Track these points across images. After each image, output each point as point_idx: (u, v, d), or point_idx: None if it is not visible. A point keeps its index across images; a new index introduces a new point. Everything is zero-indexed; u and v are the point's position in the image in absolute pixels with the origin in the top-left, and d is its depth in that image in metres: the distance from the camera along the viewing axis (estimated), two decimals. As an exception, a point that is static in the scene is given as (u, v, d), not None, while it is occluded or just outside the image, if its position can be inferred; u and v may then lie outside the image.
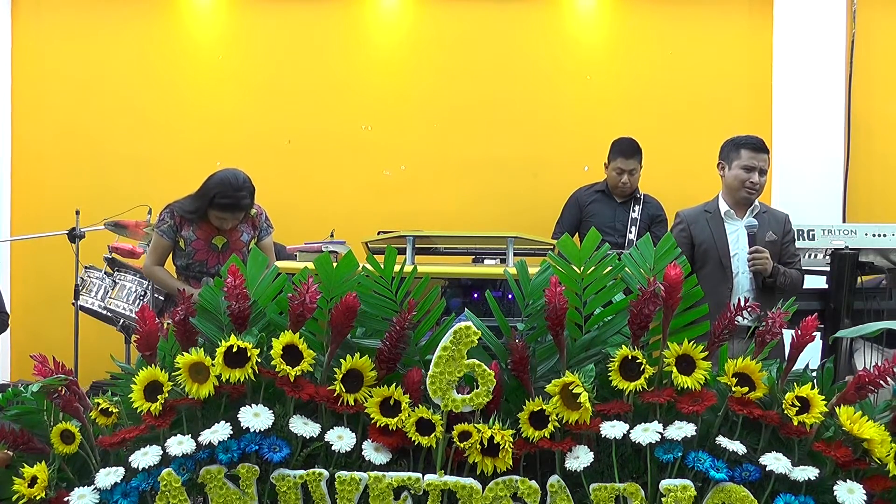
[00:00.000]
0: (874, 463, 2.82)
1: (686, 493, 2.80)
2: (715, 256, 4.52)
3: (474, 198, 6.67)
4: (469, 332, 2.89)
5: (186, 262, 4.74)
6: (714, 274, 4.48)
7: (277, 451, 2.88)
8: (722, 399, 2.91)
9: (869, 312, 4.62)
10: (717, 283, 4.44)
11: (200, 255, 4.68)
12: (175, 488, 2.86)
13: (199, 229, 4.72)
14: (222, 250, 4.68)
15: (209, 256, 4.69)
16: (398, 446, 2.92)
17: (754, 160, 4.53)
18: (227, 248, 4.67)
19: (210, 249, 4.69)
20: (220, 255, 4.67)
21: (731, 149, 4.59)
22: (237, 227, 4.72)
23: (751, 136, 4.63)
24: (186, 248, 4.72)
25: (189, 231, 4.72)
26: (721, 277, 4.49)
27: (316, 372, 3.00)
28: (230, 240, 4.69)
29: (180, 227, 4.74)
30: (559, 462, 2.90)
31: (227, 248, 4.67)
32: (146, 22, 6.77)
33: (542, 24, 6.75)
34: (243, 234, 4.70)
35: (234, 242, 4.68)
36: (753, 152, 4.55)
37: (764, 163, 4.56)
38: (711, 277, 4.44)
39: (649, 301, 2.90)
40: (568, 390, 2.87)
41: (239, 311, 2.97)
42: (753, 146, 4.57)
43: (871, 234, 4.81)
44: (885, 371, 2.84)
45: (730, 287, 4.48)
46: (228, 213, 4.63)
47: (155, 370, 2.94)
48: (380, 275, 3.04)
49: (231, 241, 4.68)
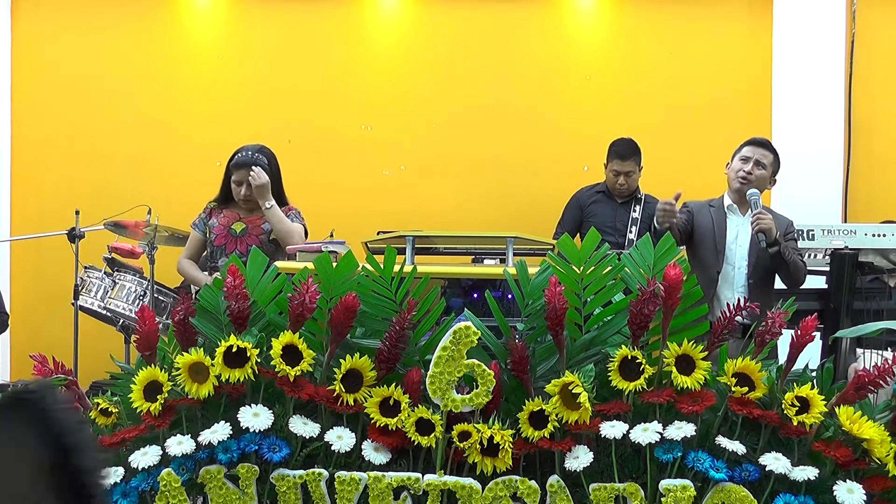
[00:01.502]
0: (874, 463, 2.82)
1: (686, 493, 2.80)
2: (710, 239, 4.57)
3: (474, 198, 6.66)
4: (469, 332, 2.89)
5: (210, 249, 4.77)
6: (706, 257, 4.54)
7: (277, 451, 2.88)
8: (722, 399, 2.91)
9: (869, 312, 4.62)
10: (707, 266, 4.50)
11: (219, 241, 4.71)
12: (175, 488, 2.86)
13: (223, 217, 4.77)
14: (240, 235, 4.70)
15: (227, 241, 4.71)
16: (398, 446, 2.92)
17: (752, 152, 4.61)
18: (246, 234, 4.69)
19: (229, 234, 4.71)
20: (239, 241, 4.69)
21: (738, 148, 4.67)
22: (261, 216, 4.72)
23: (756, 137, 4.73)
24: (210, 236, 4.76)
25: (215, 219, 4.78)
26: (713, 261, 4.54)
27: (316, 372, 3.00)
28: (249, 226, 4.70)
29: (209, 217, 4.82)
30: (559, 462, 2.90)
31: (246, 234, 4.69)
32: (146, 22, 6.77)
33: (542, 24, 6.75)
34: (265, 224, 4.71)
35: (254, 229, 4.69)
36: (753, 146, 4.64)
37: (762, 157, 4.59)
38: (703, 260, 4.53)
39: (649, 301, 2.90)
40: (568, 390, 2.87)
41: (239, 311, 2.97)
42: (754, 142, 4.66)
43: (871, 234, 4.82)
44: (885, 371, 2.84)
45: (718, 270, 4.52)
46: (242, 169, 4.68)
47: (155, 370, 2.94)
48: (379, 275, 3.04)
49: (250, 227, 4.70)
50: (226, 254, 4.65)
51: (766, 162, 4.58)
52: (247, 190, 4.68)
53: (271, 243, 4.67)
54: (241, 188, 4.71)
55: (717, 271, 4.52)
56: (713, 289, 4.45)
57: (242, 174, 4.70)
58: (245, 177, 4.69)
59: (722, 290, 4.50)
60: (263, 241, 4.65)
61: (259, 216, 4.73)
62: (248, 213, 4.77)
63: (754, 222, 4.37)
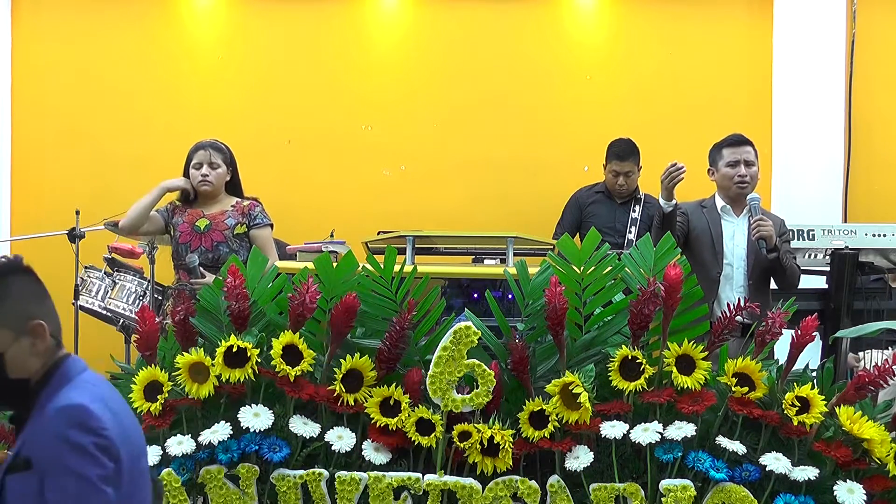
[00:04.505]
0: (874, 463, 2.82)
1: (686, 493, 2.80)
2: (707, 241, 4.54)
3: (474, 198, 6.66)
4: (469, 332, 2.89)
5: (175, 247, 4.78)
6: (705, 259, 4.50)
7: (277, 451, 2.88)
8: (722, 399, 2.91)
9: (869, 312, 4.62)
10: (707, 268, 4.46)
11: (184, 238, 4.73)
12: (175, 488, 2.86)
13: (187, 214, 4.79)
14: (205, 231, 4.71)
15: (192, 238, 4.73)
16: (398, 446, 2.93)
17: (736, 154, 4.57)
18: (210, 229, 4.70)
19: (193, 231, 4.73)
20: (203, 237, 4.71)
21: (715, 152, 4.66)
22: (223, 212, 4.73)
23: (730, 135, 4.67)
24: (174, 234, 4.77)
25: (179, 217, 4.79)
26: (712, 263, 4.51)
27: (316, 372, 3.00)
28: (213, 222, 4.71)
29: (172, 214, 4.84)
30: (559, 462, 2.90)
31: (210, 229, 4.70)
32: (146, 22, 6.76)
33: (542, 24, 6.75)
34: (228, 219, 4.72)
35: (218, 224, 4.70)
36: (734, 147, 4.59)
37: (748, 154, 4.57)
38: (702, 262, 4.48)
39: (649, 301, 2.91)
40: (568, 390, 2.87)
41: (239, 311, 2.97)
42: (732, 142, 4.62)
43: (871, 234, 4.81)
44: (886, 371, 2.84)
45: (718, 272, 4.50)
46: (201, 151, 4.74)
47: (155, 370, 2.94)
48: (380, 275, 3.04)
49: (214, 223, 4.70)
50: (191, 250, 4.68)
51: (752, 158, 4.57)
52: (206, 169, 4.73)
53: (236, 238, 4.69)
54: (199, 171, 4.74)
55: (718, 272, 4.50)
56: (714, 290, 4.44)
57: (202, 155, 4.76)
58: (205, 158, 4.74)
59: (723, 291, 4.49)
60: (228, 237, 4.68)
61: (221, 211, 4.74)
62: (209, 207, 4.78)
63: (754, 229, 4.36)
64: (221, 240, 4.66)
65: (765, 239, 4.32)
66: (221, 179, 4.77)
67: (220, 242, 4.68)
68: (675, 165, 4.41)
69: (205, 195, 4.78)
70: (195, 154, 4.79)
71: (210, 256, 4.63)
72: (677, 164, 4.42)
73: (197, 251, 4.67)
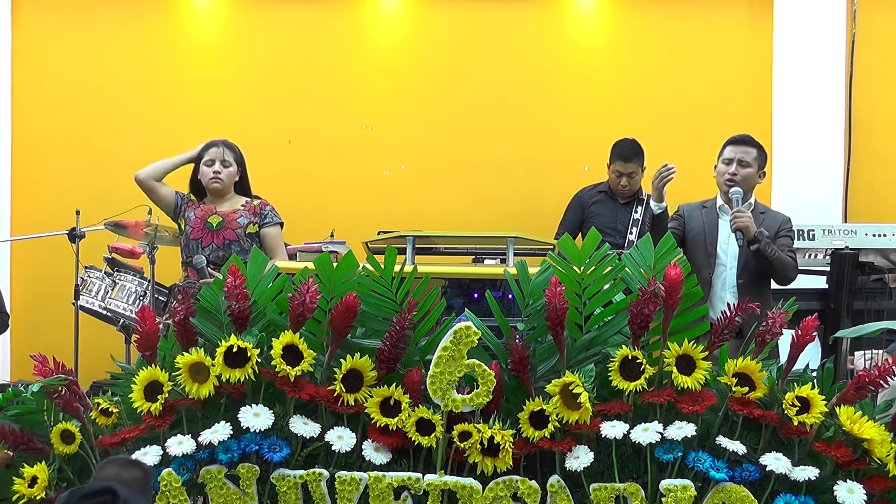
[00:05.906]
0: (874, 463, 2.82)
1: (686, 493, 2.81)
2: (701, 242, 4.55)
3: (474, 198, 6.66)
4: (469, 332, 2.90)
5: (185, 241, 4.78)
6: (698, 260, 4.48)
7: (277, 451, 2.88)
8: (722, 399, 2.91)
9: (869, 312, 4.62)
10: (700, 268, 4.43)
11: (196, 234, 4.73)
12: (175, 488, 2.86)
13: (199, 210, 4.78)
14: (217, 228, 4.71)
15: (204, 235, 4.73)
16: (398, 446, 2.93)
17: (733, 152, 4.57)
18: (223, 227, 4.70)
19: (205, 227, 4.73)
20: (215, 234, 4.71)
21: (721, 149, 4.64)
22: (235, 210, 4.73)
23: (737, 134, 4.69)
24: (185, 228, 4.76)
25: (191, 212, 4.78)
26: (704, 263, 4.50)
27: (316, 372, 3.00)
28: (226, 220, 4.71)
29: (186, 207, 4.83)
30: (559, 462, 2.90)
31: (223, 227, 4.70)
32: (146, 22, 6.76)
33: (542, 24, 6.75)
34: (240, 217, 4.73)
35: (230, 223, 4.70)
36: (734, 145, 4.60)
37: (745, 154, 4.55)
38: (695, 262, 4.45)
39: (649, 301, 2.91)
40: (568, 390, 2.87)
41: (239, 311, 2.97)
42: (735, 140, 4.62)
43: (871, 234, 4.82)
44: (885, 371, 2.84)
45: (710, 273, 4.50)
46: (213, 147, 4.78)
47: (155, 370, 2.95)
48: (380, 275, 3.04)
49: (227, 221, 4.70)
50: (203, 246, 4.67)
51: (749, 159, 4.54)
52: (218, 166, 4.73)
53: (248, 238, 4.69)
54: (211, 167, 4.75)
55: (710, 273, 4.50)
56: (707, 291, 4.43)
57: (214, 152, 4.77)
58: (217, 155, 4.76)
59: (715, 291, 4.48)
60: (240, 235, 4.68)
61: (233, 209, 4.75)
62: (221, 204, 4.78)
63: (732, 220, 4.36)
64: (234, 238, 4.67)
65: (741, 230, 4.31)
66: (231, 178, 4.78)
67: (233, 241, 4.68)
68: (666, 166, 4.44)
69: (215, 192, 4.79)
70: (207, 151, 4.81)
71: (221, 255, 4.61)
72: (668, 165, 4.44)
73: (209, 248, 4.67)
